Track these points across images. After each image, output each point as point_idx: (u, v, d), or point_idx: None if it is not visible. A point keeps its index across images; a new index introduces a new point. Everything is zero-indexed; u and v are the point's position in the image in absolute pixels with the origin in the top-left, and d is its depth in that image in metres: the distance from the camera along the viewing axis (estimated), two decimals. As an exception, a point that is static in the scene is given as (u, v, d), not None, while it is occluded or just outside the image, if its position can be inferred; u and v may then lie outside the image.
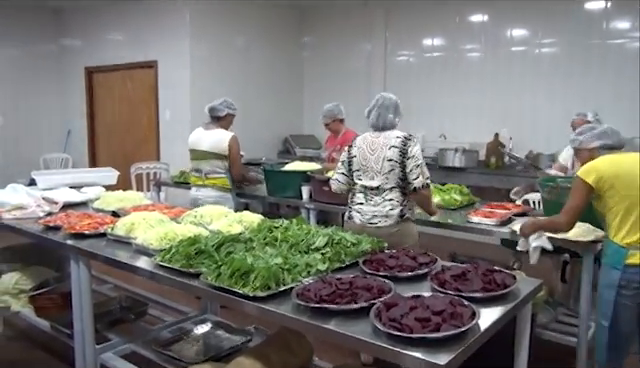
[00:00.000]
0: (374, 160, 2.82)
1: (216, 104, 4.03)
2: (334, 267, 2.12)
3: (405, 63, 6.94)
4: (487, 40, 6.28)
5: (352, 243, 2.31)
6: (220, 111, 4.01)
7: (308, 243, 2.28)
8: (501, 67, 6.18)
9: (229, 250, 2.21)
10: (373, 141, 2.87)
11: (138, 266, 2.30)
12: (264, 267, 1.90)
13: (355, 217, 2.86)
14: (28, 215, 3.23)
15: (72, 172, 5.06)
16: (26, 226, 3.06)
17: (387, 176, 2.79)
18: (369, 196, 2.84)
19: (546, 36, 5.89)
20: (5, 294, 3.58)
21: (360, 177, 2.87)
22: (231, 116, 4.05)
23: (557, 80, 5.83)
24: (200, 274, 2.03)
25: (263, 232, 2.46)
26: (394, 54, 7.00)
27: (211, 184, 4.01)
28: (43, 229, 2.96)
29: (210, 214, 2.89)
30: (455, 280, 1.90)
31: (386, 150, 2.80)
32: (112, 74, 7.60)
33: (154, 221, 2.71)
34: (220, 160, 3.97)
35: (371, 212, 2.82)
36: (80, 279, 2.66)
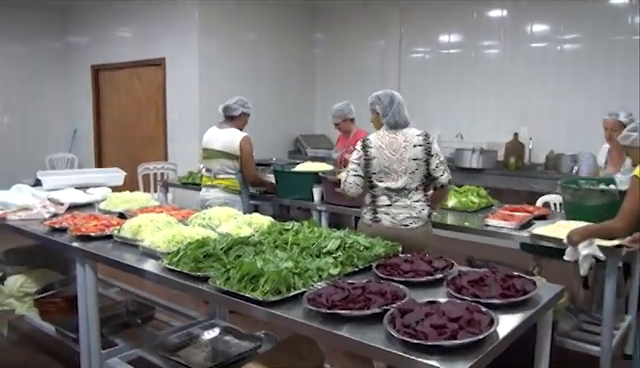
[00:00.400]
0: (397, 160, 2.83)
1: (230, 103, 4.05)
2: (346, 271, 2.12)
3: (420, 60, 6.92)
4: (506, 36, 6.24)
5: (365, 247, 2.30)
6: (234, 110, 4.03)
7: (319, 246, 2.28)
8: (521, 64, 6.14)
9: (238, 253, 2.21)
10: (392, 141, 2.86)
11: (145, 269, 2.32)
12: (274, 271, 1.91)
13: (384, 219, 2.85)
14: (33, 216, 3.27)
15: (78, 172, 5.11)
16: (31, 227, 3.09)
17: (412, 176, 2.82)
18: (394, 197, 2.85)
19: (568, 32, 5.84)
20: (10, 297, 3.62)
21: (382, 179, 2.85)
22: (246, 115, 4.07)
23: (579, 78, 5.77)
24: (208, 278, 2.04)
25: (273, 235, 2.47)
26: (409, 51, 6.99)
27: (220, 185, 4.04)
28: (48, 231, 2.99)
29: (219, 216, 2.90)
30: (472, 286, 1.89)
31: (410, 149, 2.83)
32: (119, 72, 7.66)
33: (161, 223, 2.73)
34: (230, 160, 3.99)
35: (402, 213, 2.84)
36: (86, 282, 2.68)
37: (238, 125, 4.03)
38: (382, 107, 2.91)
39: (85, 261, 2.66)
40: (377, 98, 2.94)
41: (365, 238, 2.41)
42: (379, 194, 2.87)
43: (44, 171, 5.07)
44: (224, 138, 3.99)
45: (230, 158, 3.99)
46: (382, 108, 2.91)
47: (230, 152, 3.97)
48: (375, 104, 2.95)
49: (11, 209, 3.38)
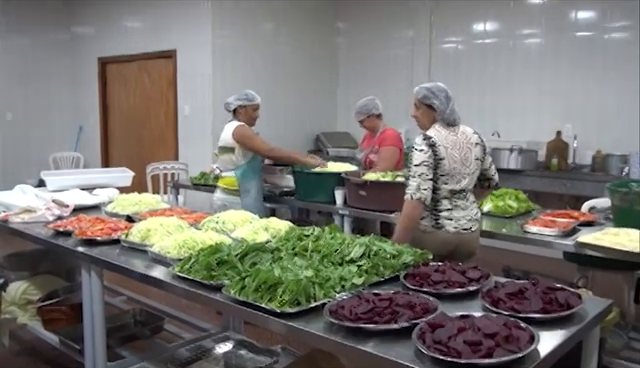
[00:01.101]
0: (461, 161, 2.84)
1: (228, 99, 4.23)
2: (372, 281, 2.11)
3: (453, 51, 6.88)
4: (548, 24, 6.16)
5: (392, 254, 2.29)
6: (229, 105, 4.19)
7: (342, 254, 2.27)
8: (564, 55, 6.06)
9: (254, 260, 2.22)
10: (454, 139, 2.85)
11: (154, 277, 2.34)
12: (293, 280, 1.91)
13: (447, 225, 2.85)
14: (37, 219, 3.32)
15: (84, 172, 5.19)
16: (34, 231, 3.15)
17: (472, 177, 2.90)
18: (454, 200, 2.86)
19: (616, 19, 5.75)
20: (12, 305, 3.69)
21: (447, 181, 2.83)
22: (243, 108, 4.13)
23: (629, 70, 5.67)
24: (222, 287, 2.05)
25: (292, 241, 2.47)
26: (440, 41, 6.95)
27: (220, 185, 4.17)
28: (52, 234, 3.04)
29: (233, 220, 2.92)
30: (510, 298, 1.87)
31: (473, 148, 2.89)
32: (127, 65, 7.76)
33: (172, 227, 2.75)
34: (228, 154, 4.10)
35: (464, 217, 2.87)
36: (92, 290, 2.72)
37: (243, 120, 4.11)
38: (440, 102, 2.86)
39: (91, 267, 2.70)
40: (430, 92, 2.88)
41: (392, 245, 2.39)
42: (441, 197, 2.85)
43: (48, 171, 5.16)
44: (223, 133, 4.15)
45: (227, 151, 4.10)
46: (440, 103, 2.86)
47: (226, 145, 4.09)
48: (430, 98, 2.87)
49: (14, 211, 3.44)
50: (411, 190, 2.78)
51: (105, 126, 8.22)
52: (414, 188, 2.78)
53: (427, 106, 2.89)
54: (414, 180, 2.78)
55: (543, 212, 3.62)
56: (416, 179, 2.78)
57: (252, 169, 4.13)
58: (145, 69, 7.54)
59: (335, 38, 7.89)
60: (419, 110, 2.93)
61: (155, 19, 7.19)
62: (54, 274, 3.96)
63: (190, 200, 6.16)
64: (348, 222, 3.94)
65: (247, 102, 4.13)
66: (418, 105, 2.93)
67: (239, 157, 4.07)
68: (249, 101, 4.14)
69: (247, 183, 4.10)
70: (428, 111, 2.89)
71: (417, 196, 2.77)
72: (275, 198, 4.37)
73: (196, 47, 6.76)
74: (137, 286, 3.53)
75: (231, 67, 6.76)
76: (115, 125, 8.15)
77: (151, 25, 7.27)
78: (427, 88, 2.90)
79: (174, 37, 6.98)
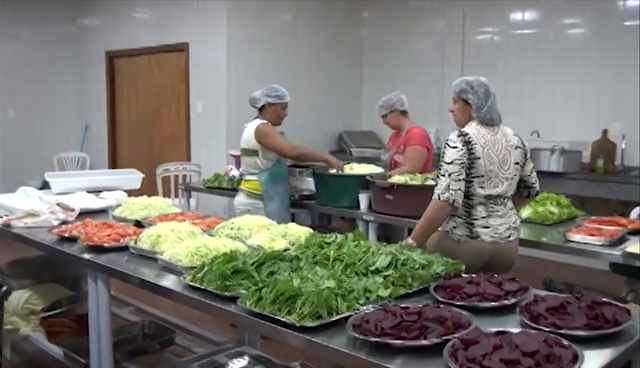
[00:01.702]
0: (499, 163, 2.82)
1: (254, 93, 4.14)
2: (399, 293, 2.11)
3: (488, 43, 6.83)
4: (593, 12, 6.09)
5: (421, 264, 2.28)
6: (257, 101, 4.12)
7: (367, 263, 2.27)
8: (610, 46, 5.98)
9: (272, 270, 2.23)
10: (493, 140, 2.83)
11: (164, 286, 2.36)
12: (313, 291, 1.91)
13: (483, 234, 2.82)
14: (40, 224, 3.37)
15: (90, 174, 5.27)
16: (38, 236, 3.20)
17: (511, 182, 2.88)
18: (490, 207, 2.84)
19: (671, 6, 5.66)
20: (13, 315, 3.75)
21: (483, 185, 2.80)
22: (272, 106, 4.10)
23: (685, 62, 5.58)
24: (237, 298, 2.06)
25: (312, 249, 2.48)
26: (474, 32, 6.91)
27: (243, 189, 4.17)
28: (57, 240, 3.09)
29: (249, 226, 2.93)
30: (552, 314, 1.85)
31: (512, 151, 2.87)
32: (136, 59, 7.85)
33: (183, 233, 2.77)
34: (251, 157, 4.09)
35: (502, 225, 2.85)
36: (98, 300, 2.76)
37: (268, 118, 4.09)
38: (477, 98, 2.83)
39: (97, 275, 2.74)
40: (469, 85, 2.85)
41: (421, 255, 2.38)
42: (476, 203, 2.82)
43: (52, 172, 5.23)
44: (245, 133, 4.14)
45: (250, 154, 4.09)
46: (477, 99, 2.83)
47: (249, 147, 4.09)
48: (467, 92, 2.85)
49: (16, 215, 3.50)
50: (439, 189, 2.75)
51: (113, 124, 8.32)
52: (443, 187, 2.74)
53: (464, 101, 2.87)
54: (444, 179, 2.75)
55: (588, 219, 3.58)
56: (446, 178, 2.74)
57: (277, 174, 4.13)
58: (155, 63, 7.62)
59: (359, 29, 7.90)
60: (456, 104, 2.92)
61: (166, 10, 7.27)
62: (58, 283, 4.02)
63: (203, 204, 6.21)
64: (373, 229, 3.93)
65: (277, 100, 4.10)
66: (456, 99, 2.91)
67: (263, 160, 4.07)
68: (279, 99, 4.11)
69: (271, 189, 4.09)
70: (464, 106, 2.88)
71: (445, 196, 2.73)
72: (294, 202, 4.38)
73: (210, 40, 6.81)
74: (146, 296, 3.56)
75: (247, 61, 6.80)
76: (123, 123, 8.25)
77: (162, 16, 7.35)
78: (467, 81, 2.88)
79: (186, 29, 7.05)
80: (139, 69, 7.87)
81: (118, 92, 8.24)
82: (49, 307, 3.75)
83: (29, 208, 3.55)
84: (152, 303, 4.22)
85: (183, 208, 4.40)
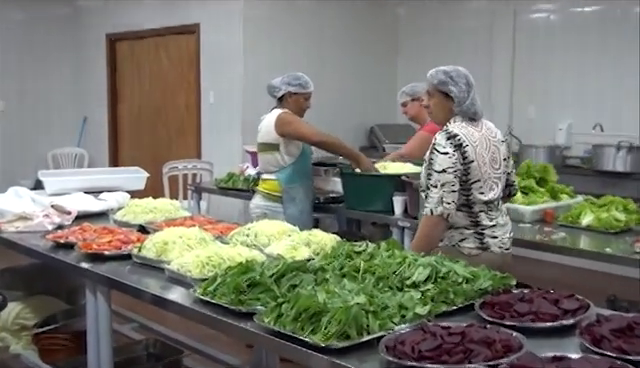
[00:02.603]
0: (490, 162, 2.89)
1: (273, 81, 4.15)
2: (439, 311, 2.09)
3: (543, 22, 6.76)
4: (667, -13, 6.00)
5: (465, 278, 2.27)
6: (276, 90, 4.13)
7: (402, 276, 2.27)
8: (688, 26, 5.88)
9: (293, 283, 2.23)
10: (480, 137, 2.89)
11: (172, 300, 2.37)
12: (341, 308, 1.91)
13: (492, 245, 2.89)
14: (33, 228, 3.41)
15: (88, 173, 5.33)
16: (30, 242, 3.24)
17: (502, 182, 2.97)
18: (490, 214, 2.92)
19: None
20: (3, 330, 3.81)
21: (482, 190, 2.86)
22: (293, 96, 4.10)
23: None
24: (254, 314, 2.07)
25: (339, 259, 2.47)
26: (527, 10, 6.85)
27: (260, 190, 4.18)
28: (51, 247, 3.12)
29: (267, 232, 2.94)
30: (617, 336, 1.82)
31: (500, 147, 2.96)
32: (141, 43, 7.94)
33: (193, 240, 2.79)
34: (270, 152, 4.09)
35: (506, 234, 2.96)
36: (97, 315, 2.78)
37: (290, 110, 4.09)
38: (459, 89, 2.88)
39: (96, 287, 2.76)
40: (448, 76, 2.89)
41: (465, 267, 2.37)
42: (478, 211, 2.88)
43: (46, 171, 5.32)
44: (263, 126, 4.14)
45: (269, 150, 4.09)
46: (459, 91, 2.87)
47: (268, 141, 4.08)
48: (446, 84, 2.88)
49: (6, 218, 3.55)
50: (431, 204, 2.79)
51: (114, 117, 8.41)
52: (435, 201, 2.77)
53: (443, 94, 2.90)
54: (435, 191, 2.78)
55: (660, 227, 3.53)
56: (438, 190, 2.77)
57: (299, 172, 4.12)
58: (163, 48, 7.69)
59: (395, 8, 7.88)
60: (432, 99, 2.96)
61: (174, -13, 7.32)
62: (53, 295, 4.07)
63: (215, 207, 6.24)
64: (409, 236, 3.91)
65: (299, 89, 4.11)
66: (432, 92, 2.95)
67: (284, 156, 4.07)
68: (302, 88, 4.11)
69: (292, 190, 4.09)
70: (444, 101, 2.91)
71: (439, 211, 2.77)
72: (319, 206, 4.38)
73: (224, 20, 6.85)
74: (151, 311, 3.59)
75: (266, 44, 6.82)
76: (126, 116, 8.34)
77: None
78: (444, 72, 2.91)
79: (197, 8, 7.10)
80: (144, 54, 7.95)
81: (120, 80, 8.33)
82: (42, 322, 3.79)
83: (20, 210, 3.59)
84: (158, 319, 4.26)
85: (193, 212, 4.41)
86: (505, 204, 3.19)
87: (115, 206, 3.93)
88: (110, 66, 8.31)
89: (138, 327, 4.30)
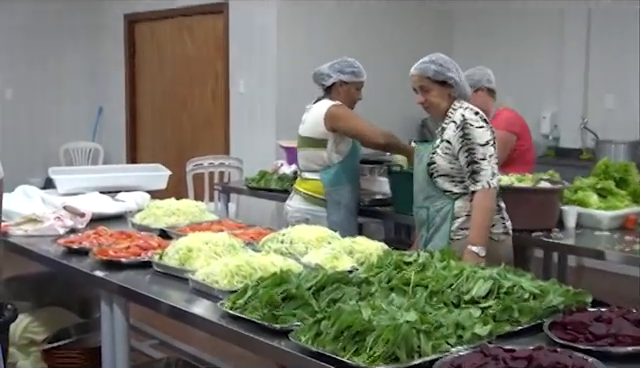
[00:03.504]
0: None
1: (322, 67, 4.11)
2: (502, 331, 2.08)
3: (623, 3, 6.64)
4: None
5: (532, 294, 2.24)
6: (325, 77, 4.09)
7: (459, 291, 2.26)
8: None
9: (334, 297, 2.23)
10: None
11: (196, 314, 2.39)
12: (389, 326, 1.90)
13: (509, 229, 3.30)
14: (43, 232, 3.47)
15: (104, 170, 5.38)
16: (40, 247, 3.29)
17: None
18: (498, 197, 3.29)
19: None
20: (10, 346, 3.86)
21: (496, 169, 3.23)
22: (345, 85, 4.07)
23: None
24: (289, 331, 2.07)
25: (387, 270, 2.46)
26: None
27: (301, 191, 4.14)
28: (63, 253, 3.16)
29: (304, 239, 2.94)
30: None
31: None
32: (163, 24, 8.01)
33: (221, 247, 2.80)
34: (316, 149, 4.06)
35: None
36: (113, 329, 2.80)
37: (338, 99, 4.07)
38: (456, 74, 3.28)
39: (113, 298, 2.79)
40: (439, 65, 3.26)
41: (532, 281, 2.34)
42: (498, 192, 3.25)
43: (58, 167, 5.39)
44: (309, 118, 4.11)
45: (314, 146, 4.06)
46: (457, 76, 3.28)
47: (314, 136, 4.05)
48: (444, 72, 3.25)
49: (14, 220, 3.61)
50: (486, 176, 3.11)
51: (132, 108, 8.51)
52: (490, 173, 3.12)
53: (440, 83, 3.25)
54: (486, 164, 3.12)
55: None
56: (488, 162, 3.12)
57: (347, 172, 4.09)
58: (187, 30, 7.75)
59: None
60: (431, 92, 3.27)
61: (200, -40, 7.37)
62: (64, 306, 4.12)
63: (245, 210, 6.27)
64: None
65: (352, 78, 4.08)
66: (427, 87, 3.27)
67: (333, 154, 4.03)
68: (355, 77, 4.10)
69: (337, 192, 4.05)
70: (442, 90, 3.26)
71: (494, 182, 3.13)
72: (363, 209, 4.36)
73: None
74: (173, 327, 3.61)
75: (304, 26, 6.82)
76: (146, 106, 8.42)
77: (195, -31, 7.45)
78: (431, 62, 3.26)
79: (226, -15, 7.13)
80: (166, 37, 8.02)
81: (140, 67, 8.42)
82: (53, 337, 3.84)
83: (29, 212, 3.65)
84: (180, 335, 4.29)
85: (220, 214, 4.44)
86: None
87: (134, 208, 3.97)
88: (128, 51, 8.39)
89: (158, 344, 4.34)
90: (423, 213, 3.35)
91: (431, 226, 3.31)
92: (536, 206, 3.61)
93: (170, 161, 5.79)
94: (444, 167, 3.22)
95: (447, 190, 3.24)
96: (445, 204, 3.25)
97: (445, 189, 3.24)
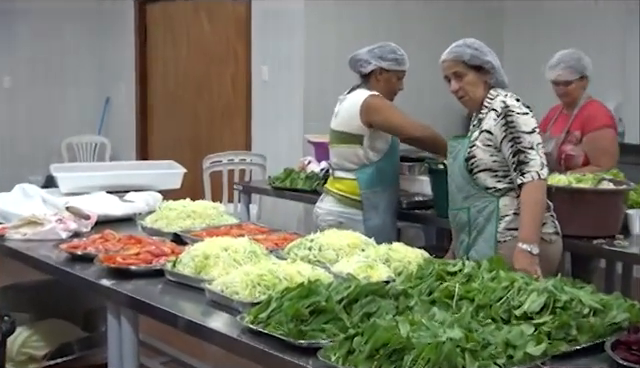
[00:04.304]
0: None
1: (360, 52, 4.10)
2: (558, 351, 2.06)
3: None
4: None
5: (593, 309, 2.22)
6: (363, 64, 4.08)
7: (510, 305, 2.25)
8: None
9: (368, 310, 2.23)
10: None
11: (213, 329, 2.40)
12: (430, 344, 1.90)
13: (559, 228, 3.34)
14: (44, 235, 3.49)
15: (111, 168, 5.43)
16: (40, 253, 3.31)
17: None
18: None
19: None
20: (8, 361, 3.90)
21: None
22: (385, 73, 4.07)
23: None
24: (318, 349, 2.07)
25: (428, 281, 2.46)
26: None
27: (333, 191, 4.13)
28: (66, 259, 3.18)
29: (335, 245, 2.94)
30: None
31: None
32: (177, 5, 8.04)
33: (241, 254, 2.81)
34: (350, 145, 4.06)
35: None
36: (121, 345, 2.81)
37: (375, 88, 4.05)
38: (491, 57, 3.35)
39: (121, 310, 2.80)
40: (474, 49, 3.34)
41: (592, 293, 2.32)
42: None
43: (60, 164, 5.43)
44: (342, 110, 4.11)
45: (349, 142, 4.06)
46: (492, 58, 3.35)
47: (349, 130, 4.05)
48: (480, 56, 3.33)
49: (12, 222, 3.64)
50: (535, 166, 3.13)
51: (143, 98, 8.55)
52: (539, 163, 3.14)
53: (476, 69, 3.31)
54: (534, 153, 3.15)
55: None
56: (536, 152, 3.15)
57: (385, 172, 4.10)
58: (204, 11, 7.77)
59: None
60: (465, 78, 3.32)
61: None
62: (67, 319, 4.14)
63: (269, 212, 6.28)
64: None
65: (394, 66, 4.08)
66: (462, 72, 3.32)
67: (368, 151, 4.04)
68: (398, 64, 4.10)
69: (375, 195, 4.06)
70: (478, 76, 3.32)
71: (544, 173, 3.15)
72: (401, 212, 4.35)
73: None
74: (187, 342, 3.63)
75: (336, 7, 6.81)
76: (158, 96, 8.46)
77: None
78: (466, 45, 3.33)
79: (248, -39, 7.15)
80: (181, 19, 8.05)
81: (151, 53, 8.46)
82: (54, 352, 3.86)
83: (29, 213, 3.67)
84: (195, 352, 4.31)
85: (240, 217, 4.46)
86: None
87: (144, 209, 4.00)
88: (139, 35, 8.44)
89: (170, 362, 4.36)
90: (463, 215, 3.36)
91: (473, 229, 3.31)
92: (597, 210, 3.56)
93: (185, 157, 5.82)
94: (485, 161, 3.25)
95: (490, 187, 3.26)
96: (488, 203, 3.26)
97: (487, 186, 3.26)
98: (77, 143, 8.65)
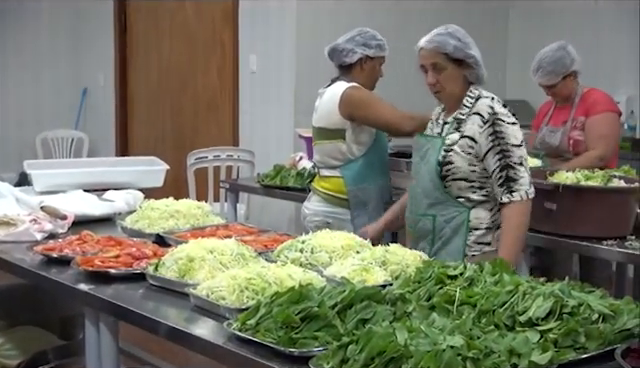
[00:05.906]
0: None
1: (339, 43, 4.10)
2: (565, 359, 2.07)
3: None
4: None
5: (602, 314, 2.23)
6: (347, 53, 4.08)
7: (514, 310, 2.25)
8: None
9: (363, 316, 2.23)
10: None
11: (198, 336, 2.39)
12: (429, 352, 1.91)
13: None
14: (17, 237, 3.47)
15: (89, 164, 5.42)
16: (13, 256, 3.30)
17: None
18: None
19: None
20: (-22, 372, 3.91)
21: None
22: (369, 61, 4.08)
23: None
24: (309, 357, 2.07)
25: (427, 285, 2.46)
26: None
27: (319, 190, 4.16)
28: (41, 262, 3.17)
29: (328, 247, 2.95)
30: None
31: None
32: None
33: (228, 257, 2.81)
34: (332, 141, 4.08)
35: None
36: (100, 353, 2.81)
37: (362, 81, 4.06)
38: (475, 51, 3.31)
39: (99, 317, 2.80)
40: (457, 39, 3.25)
41: (600, 298, 2.33)
42: None
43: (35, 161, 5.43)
44: (322, 104, 4.13)
45: (331, 137, 4.07)
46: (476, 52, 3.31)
47: (329, 126, 4.07)
48: (463, 49, 3.24)
49: (-18, 223, 3.64)
50: (524, 185, 3.13)
51: (123, 89, 8.53)
52: (528, 181, 3.15)
53: (457, 63, 3.22)
54: (523, 170, 3.15)
55: None
56: (525, 168, 3.15)
57: (372, 167, 4.11)
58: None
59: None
60: (444, 72, 3.21)
61: None
62: (42, 326, 4.14)
63: (257, 212, 6.28)
64: (524, 256, 3.87)
65: (379, 52, 4.09)
66: (442, 65, 3.20)
67: (352, 145, 4.05)
68: (381, 51, 4.11)
69: (363, 192, 4.08)
70: (457, 71, 3.23)
71: (532, 192, 3.15)
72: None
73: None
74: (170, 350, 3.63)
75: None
76: (139, 88, 8.45)
77: None
78: (452, 34, 3.23)
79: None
80: (163, 5, 8.04)
81: (132, 41, 8.44)
82: (29, 362, 3.85)
83: (1, 213, 3.66)
84: (179, 361, 4.31)
85: (227, 217, 4.46)
86: None
87: (124, 209, 3.99)
88: (119, 23, 8.42)
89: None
90: (427, 222, 3.28)
91: (437, 239, 3.26)
92: (607, 209, 3.57)
93: (168, 153, 5.83)
94: (463, 169, 3.19)
95: (462, 196, 3.21)
96: (458, 213, 3.21)
97: (460, 195, 3.21)
98: (52, 138, 8.62)
